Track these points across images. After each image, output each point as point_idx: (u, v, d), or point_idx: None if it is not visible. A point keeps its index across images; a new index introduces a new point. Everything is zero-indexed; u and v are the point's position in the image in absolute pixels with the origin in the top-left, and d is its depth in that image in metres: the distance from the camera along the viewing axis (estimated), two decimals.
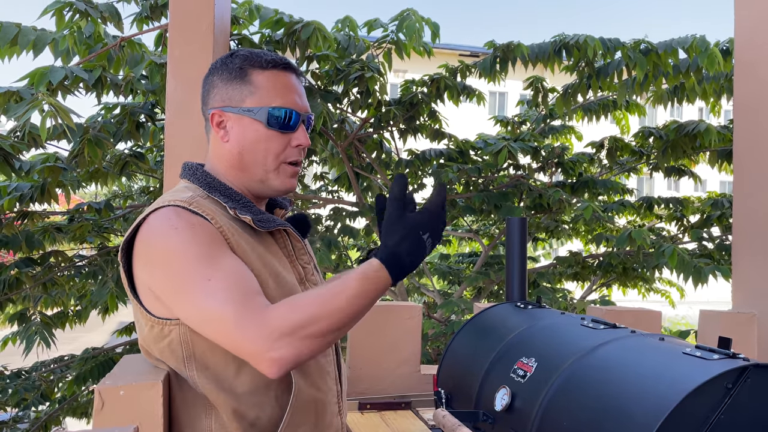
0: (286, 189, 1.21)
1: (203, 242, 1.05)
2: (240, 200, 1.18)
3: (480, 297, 5.21)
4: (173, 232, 1.05)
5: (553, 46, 3.43)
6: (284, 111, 1.18)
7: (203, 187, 1.18)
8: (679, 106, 4.26)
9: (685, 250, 3.85)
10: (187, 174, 1.23)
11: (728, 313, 2.31)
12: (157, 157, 4.27)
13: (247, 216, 1.14)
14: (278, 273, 1.15)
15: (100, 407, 1.24)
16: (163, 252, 1.05)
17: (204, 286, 1.00)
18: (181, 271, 1.03)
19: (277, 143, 1.18)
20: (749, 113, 2.49)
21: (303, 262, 1.24)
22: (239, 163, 1.19)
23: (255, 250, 1.13)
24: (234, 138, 1.19)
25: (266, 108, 1.17)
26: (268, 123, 1.17)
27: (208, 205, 1.12)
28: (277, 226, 1.19)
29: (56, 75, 2.43)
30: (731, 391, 0.97)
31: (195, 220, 1.07)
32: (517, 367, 1.40)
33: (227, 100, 1.19)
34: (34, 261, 3.56)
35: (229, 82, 1.20)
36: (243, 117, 1.18)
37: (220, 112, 1.20)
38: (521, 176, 4.55)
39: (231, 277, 1.01)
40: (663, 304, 6.21)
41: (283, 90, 1.19)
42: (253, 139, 1.17)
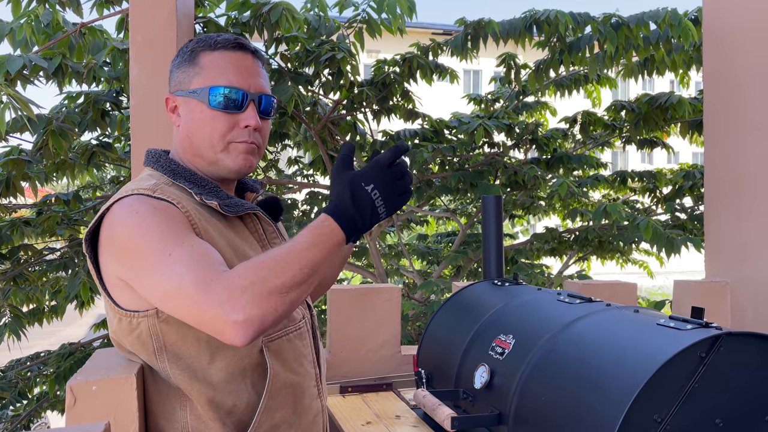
0: (241, 167, 1.17)
1: (165, 222, 1.02)
2: (206, 185, 1.16)
3: (459, 276, 5.24)
4: (135, 216, 1.03)
5: (524, 22, 3.42)
6: (228, 90, 1.13)
7: (167, 174, 1.16)
8: (650, 79, 4.29)
9: (659, 221, 3.90)
10: (151, 161, 1.20)
11: (701, 283, 2.34)
12: (125, 146, 4.18)
13: (213, 201, 1.12)
14: (248, 258, 1.12)
15: (72, 403, 1.21)
16: (126, 236, 1.03)
17: (165, 260, 0.98)
18: (143, 249, 1.00)
19: (222, 123, 1.14)
20: (718, 83, 2.51)
21: (275, 245, 1.22)
22: (190, 147, 1.17)
23: (223, 235, 1.11)
24: (183, 121, 1.17)
25: (207, 88, 1.14)
26: (210, 103, 1.13)
27: (173, 192, 1.10)
28: (246, 210, 1.17)
29: (14, 64, 2.35)
30: (705, 360, 0.98)
31: (158, 204, 1.05)
32: (495, 344, 1.40)
33: (177, 84, 1.18)
34: (2, 256, 3.48)
35: (180, 66, 1.18)
36: (190, 99, 1.16)
37: (173, 97, 1.19)
38: (496, 154, 4.55)
39: (192, 250, 0.99)
40: (642, 275, 6.31)
41: (230, 69, 1.15)
42: (199, 120, 1.14)
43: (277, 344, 1.15)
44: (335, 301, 2.05)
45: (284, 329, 1.17)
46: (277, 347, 1.15)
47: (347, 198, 1.03)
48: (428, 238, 6.70)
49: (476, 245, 5.08)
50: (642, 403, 0.95)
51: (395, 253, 5.95)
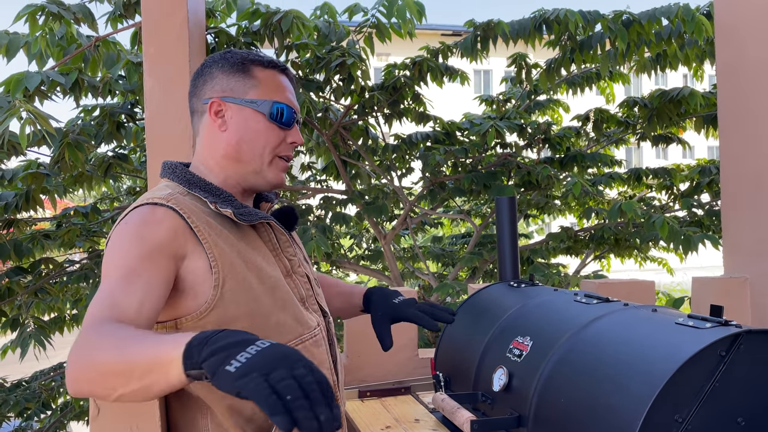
0: (277, 183, 1.23)
1: (133, 242, 1.04)
2: (220, 195, 1.18)
3: (475, 277, 5.22)
4: (122, 226, 1.08)
5: (534, 22, 3.41)
6: (285, 107, 1.22)
7: (183, 183, 1.19)
8: (663, 74, 4.26)
9: (675, 218, 3.86)
10: (167, 172, 1.23)
11: (720, 279, 2.32)
12: (141, 157, 4.23)
13: (227, 209, 1.14)
14: (261, 268, 1.15)
15: (96, 414, 1.23)
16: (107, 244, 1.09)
17: (102, 282, 1.03)
18: (104, 262, 1.06)
19: (275, 137, 1.21)
20: (731, 75, 2.49)
21: (289, 255, 1.24)
22: (236, 153, 1.20)
23: (234, 247, 1.13)
24: (234, 127, 1.20)
25: (270, 101, 1.20)
26: (271, 116, 1.20)
27: (186, 202, 1.13)
28: (260, 219, 1.19)
29: (32, 81, 2.39)
30: (725, 359, 0.98)
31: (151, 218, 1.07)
32: (513, 346, 1.40)
33: (228, 91, 1.21)
34: (24, 270, 3.53)
35: (231, 74, 1.22)
36: (245, 108, 1.20)
37: (220, 102, 1.21)
38: (509, 154, 4.54)
39: (123, 282, 0.99)
40: (660, 272, 6.25)
41: (283, 88, 1.24)
42: (254, 129, 1.20)
43: None
44: None
45: (299, 337, 1.18)
46: None
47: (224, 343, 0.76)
48: (443, 240, 6.70)
49: (491, 246, 5.07)
50: (662, 404, 0.95)
51: (410, 255, 5.95)
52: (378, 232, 4.74)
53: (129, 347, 0.84)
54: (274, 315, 1.15)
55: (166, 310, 1.10)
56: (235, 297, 1.10)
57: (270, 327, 1.14)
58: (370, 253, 5.76)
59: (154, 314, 1.01)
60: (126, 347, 0.84)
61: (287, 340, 1.16)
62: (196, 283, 1.08)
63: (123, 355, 0.83)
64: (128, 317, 0.96)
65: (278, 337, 1.14)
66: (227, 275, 1.09)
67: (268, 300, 1.14)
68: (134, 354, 0.83)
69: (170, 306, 1.10)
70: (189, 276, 1.08)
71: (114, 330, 0.90)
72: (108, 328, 0.91)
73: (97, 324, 0.93)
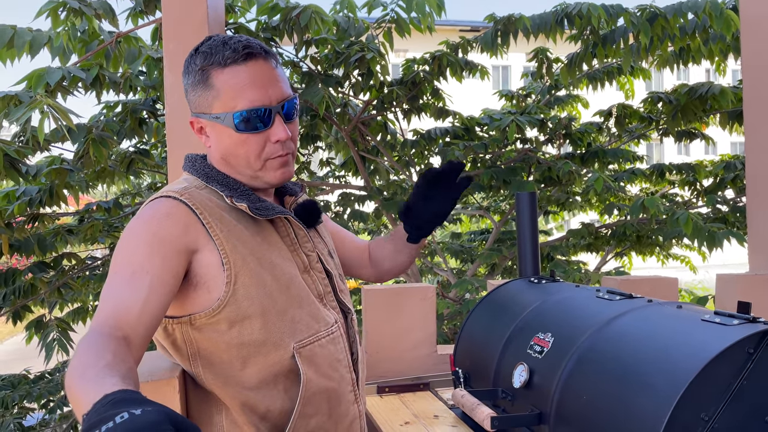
0: (280, 181, 1.17)
1: (142, 237, 1.04)
2: (237, 188, 1.15)
3: (494, 274, 5.19)
4: (133, 221, 1.07)
5: (555, 16, 3.37)
6: (250, 112, 1.10)
7: (201, 177, 1.16)
8: (685, 69, 4.18)
9: (699, 214, 3.79)
10: (188, 166, 1.21)
11: (745, 276, 2.27)
12: (162, 153, 4.27)
13: (243, 204, 1.11)
14: (275, 264, 1.13)
15: None
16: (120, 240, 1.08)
17: (110, 276, 1.02)
18: (113, 256, 1.05)
19: (253, 144, 1.12)
20: (758, 70, 2.43)
21: (306, 250, 1.21)
22: (227, 165, 1.17)
23: (248, 243, 1.11)
24: (214, 144, 1.16)
25: (230, 113, 1.10)
26: (237, 128, 1.11)
27: (201, 196, 1.11)
28: (276, 214, 1.16)
29: (53, 76, 2.41)
30: (753, 356, 0.95)
31: (163, 212, 1.06)
32: (534, 342, 1.38)
33: (197, 107, 1.15)
34: (47, 265, 3.59)
35: (195, 87, 1.14)
36: (215, 124, 1.13)
37: (197, 119, 1.16)
38: (529, 150, 4.50)
39: (130, 280, 0.99)
40: (681, 269, 6.15)
41: (246, 88, 1.10)
42: (229, 144, 1.13)
43: (309, 350, 1.14)
44: (370, 301, 2.05)
45: (315, 334, 1.16)
46: (309, 353, 1.14)
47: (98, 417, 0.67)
48: (462, 236, 6.67)
49: (510, 242, 5.03)
50: (688, 402, 0.93)
51: (428, 251, 5.94)
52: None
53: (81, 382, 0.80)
54: (288, 312, 1.12)
55: (180, 304, 1.09)
56: (248, 293, 1.08)
57: (285, 324, 1.12)
58: None
59: (159, 310, 1.00)
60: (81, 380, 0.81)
61: (303, 337, 1.14)
62: (209, 277, 1.07)
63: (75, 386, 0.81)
64: (127, 319, 0.96)
65: (293, 333, 1.12)
66: (239, 271, 1.07)
67: (283, 297, 1.12)
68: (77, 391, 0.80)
69: (184, 300, 1.09)
70: (202, 270, 1.07)
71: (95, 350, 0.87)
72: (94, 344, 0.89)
73: (97, 330, 0.93)
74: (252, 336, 1.09)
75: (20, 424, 3.71)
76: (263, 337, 1.09)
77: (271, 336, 1.10)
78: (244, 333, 1.08)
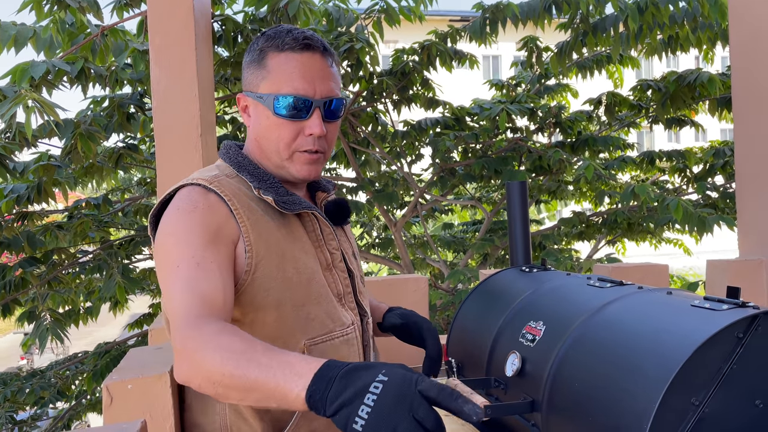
0: (305, 176, 1.16)
1: (191, 228, 1.03)
2: (266, 180, 1.15)
3: (486, 264, 5.20)
4: (175, 213, 1.06)
5: (543, 3, 3.36)
6: (291, 99, 1.11)
7: (233, 165, 1.16)
8: (674, 57, 4.19)
9: (689, 201, 3.81)
10: (222, 153, 1.22)
11: (736, 261, 2.29)
12: (150, 147, 4.24)
13: (269, 196, 1.10)
14: (298, 258, 1.12)
15: (109, 403, 1.23)
16: (161, 231, 1.06)
17: (172, 271, 1.00)
18: (163, 252, 1.04)
19: (287, 132, 1.13)
20: (745, 57, 2.44)
21: (331, 248, 1.19)
22: (259, 149, 1.17)
23: (273, 234, 1.10)
24: (252, 123, 1.18)
25: (272, 95, 1.12)
26: (275, 111, 1.12)
27: (230, 185, 1.10)
28: (301, 209, 1.15)
29: (38, 70, 2.38)
30: (742, 341, 0.96)
31: (203, 202, 1.06)
32: (526, 331, 1.39)
33: (247, 84, 1.17)
34: (37, 260, 3.56)
35: (250, 66, 1.17)
36: (258, 103, 1.15)
37: (243, 96, 1.18)
38: (519, 139, 4.50)
39: (197, 269, 0.99)
40: (673, 256, 6.19)
41: (296, 74, 1.12)
42: (265, 126, 1.14)
43: (320, 349, 1.12)
44: None
45: (329, 333, 1.14)
46: (320, 352, 1.11)
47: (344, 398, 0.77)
48: (454, 227, 6.67)
49: (502, 232, 5.04)
50: (679, 387, 0.93)
51: (421, 243, 5.94)
52: (388, 219, 4.73)
53: (250, 367, 0.84)
54: (305, 307, 1.11)
55: None
56: (266, 284, 1.07)
57: (299, 319, 1.10)
58: (380, 241, 5.75)
59: (233, 296, 1.02)
60: (246, 366, 0.84)
61: (316, 334, 1.11)
62: (236, 264, 1.07)
63: (243, 373, 0.84)
64: (217, 307, 0.97)
65: (306, 330, 1.10)
66: (260, 261, 1.07)
67: (302, 291, 1.11)
68: (256, 377, 0.83)
69: None
70: (237, 259, 1.07)
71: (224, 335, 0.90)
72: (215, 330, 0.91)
73: (199, 320, 0.93)
74: (264, 329, 1.07)
75: (12, 417, 3.71)
76: (275, 332, 1.08)
77: (283, 330, 1.08)
78: (257, 325, 1.07)
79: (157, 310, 4.51)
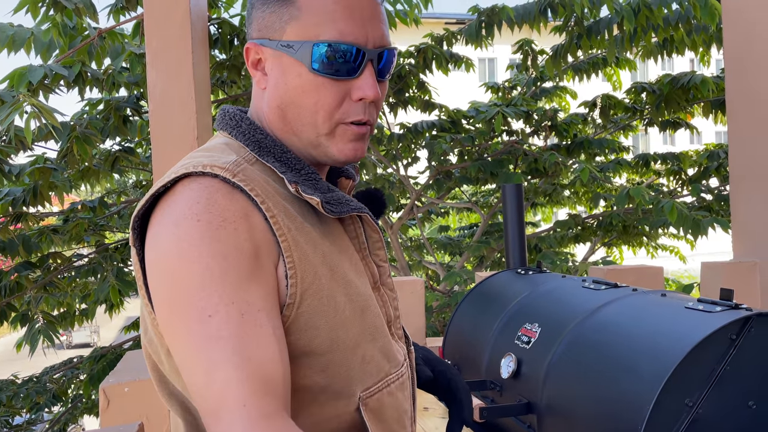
0: (348, 158, 0.82)
1: (227, 254, 0.69)
2: (301, 169, 0.80)
3: (482, 266, 5.22)
4: (188, 223, 0.69)
5: (538, 6, 3.38)
6: (336, 47, 0.76)
7: (250, 146, 0.80)
8: (669, 59, 4.22)
9: (684, 203, 3.83)
10: (227, 124, 0.84)
11: (730, 264, 2.30)
12: (147, 150, 4.23)
13: (314, 197, 0.77)
14: (349, 281, 0.79)
15: (105, 406, 1.24)
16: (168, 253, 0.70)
17: (197, 323, 0.67)
18: (178, 286, 0.69)
19: (329, 95, 0.78)
20: (739, 59, 2.46)
21: (378, 260, 0.87)
22: (282, 121, 0.81)
23: (319, 249, 0.77)
24: (272, 84, 0.80)
25: (311, 43, 0.76)
26: (313, 66, 0.77)
27: (257, 177, 0.75)
28: (352, 211, 0.81)
29: (35, 74, 2.39)
30: (735, 342, 0.97)
31: (233, 210, 0.71)
32: (521, 333, 1.39)
33: (262, 28, 0.80)
34: (33, 264, 3.56)
35: (267, 2, 0.81)
36: (282, 55, 0.79)
37: (256, 47, 0.81)
38: (515, 142, 4.52)
39: (241, 321, 0.67)
40: (668, 258, 6.21)
41: (340, 12, 0.77)
42: (296, 87, 0.78)
43: (376, 400, 0.82)
44: None
45: (385, 379, 0.83)
46: (377, 404, 0.82)
47: None
48: (449, 229, 6.69)
49: (498, 235, 5.06)
50: (673, 388, 0.94)
51: (417, 245, 5.95)
52: (384, 222, 4.74)
53: None
54: (360, 347, 0.79)
55: None
56: (313, 322, 0.74)
57: (353, 364, 0.78)
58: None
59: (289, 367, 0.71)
60: None
61: (372, 382, 0.81)
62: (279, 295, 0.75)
63: None
64: (280, 389, 0.67)
65: (362, 377, 0.80)
66: (307, 290, 0.74)
67: (356, 326, 0.79)
68: None
69: None
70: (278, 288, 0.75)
71: None
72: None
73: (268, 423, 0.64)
74: (309, 379, 0.75)
75: (8, 422, 3.70)
76: (324, 382, 0.76)
77: (334, 380, 0.77)
78: (300, 374, 0.75)
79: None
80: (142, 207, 0.74)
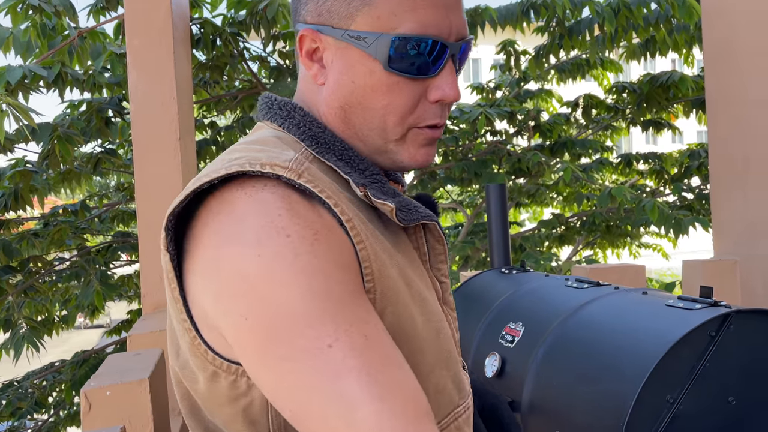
0: (418, 165, 0.72)
1: (330, 273, 0.58)
2: (365, 170, 0.69)
3: (467, 266, 5.23)
4: (283, 241, 0.58)
5: (521, 7, 3.40)
6: (418, 41, 0.66)
7: (306, 141, 0.68)
8: (653, 60, 4.26)
9: (666, 203, 3.88)
10: (276, 114, 0.72)
11: (710, 262, 2.33)
12: (128, 153, 4.19)
13: (388, 203, 0.66)
14: (424, 299, 0.70)
15: (87, 409, 1.22)
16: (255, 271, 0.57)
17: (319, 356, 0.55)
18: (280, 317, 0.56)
19: (405, 97, 0.68)
20: (719, 58, 2.49)
21: (440, 274, 0.77)
22: (343, 122, 0.70)
23: (394, 261, 0.67)
24: (334, 81, 0.69)
25: (389, 36, 0.66)
26: (391, 62, 0.66)
27: (324, 179, 0.64)
28: (423, 219, 0.70)
29: (14, 74, 2.36)
30: (715, 339, 0.98)
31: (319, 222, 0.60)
32: (505, 332, 1.40)
33: (325, 14, 0.68)
34: (13, 269, 3.51)
35: None
36: (350, 48, 0.68)
37: (313, 34, 0.69)
38: (499, 142, 4.54)
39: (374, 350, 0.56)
40: (651, 257, 6.28)
41: (420, 1, 0.66)
42: (366, 87, 0.68)
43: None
44: None
45: (455, 410, 0.73)
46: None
47: None
48: None
49: (483, 235, 5.08)
50: (654, 385, 0.95)
51: None
52: None
53: None
54: (434, 374, 0.69)
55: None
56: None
57: (428, 392, 0.66)
58: None
59: None
60: None
61: (443, 415, 0.71)
62: None
63: None
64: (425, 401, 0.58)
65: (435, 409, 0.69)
66: (386, 307, 0.64)
67: (433, 351, 0.69)
68: None
69: None
70: None
71: None
72: None
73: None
74: None
75: None
76: None
77: None
78: None
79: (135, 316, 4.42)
80: (179, 204, 0.62)
